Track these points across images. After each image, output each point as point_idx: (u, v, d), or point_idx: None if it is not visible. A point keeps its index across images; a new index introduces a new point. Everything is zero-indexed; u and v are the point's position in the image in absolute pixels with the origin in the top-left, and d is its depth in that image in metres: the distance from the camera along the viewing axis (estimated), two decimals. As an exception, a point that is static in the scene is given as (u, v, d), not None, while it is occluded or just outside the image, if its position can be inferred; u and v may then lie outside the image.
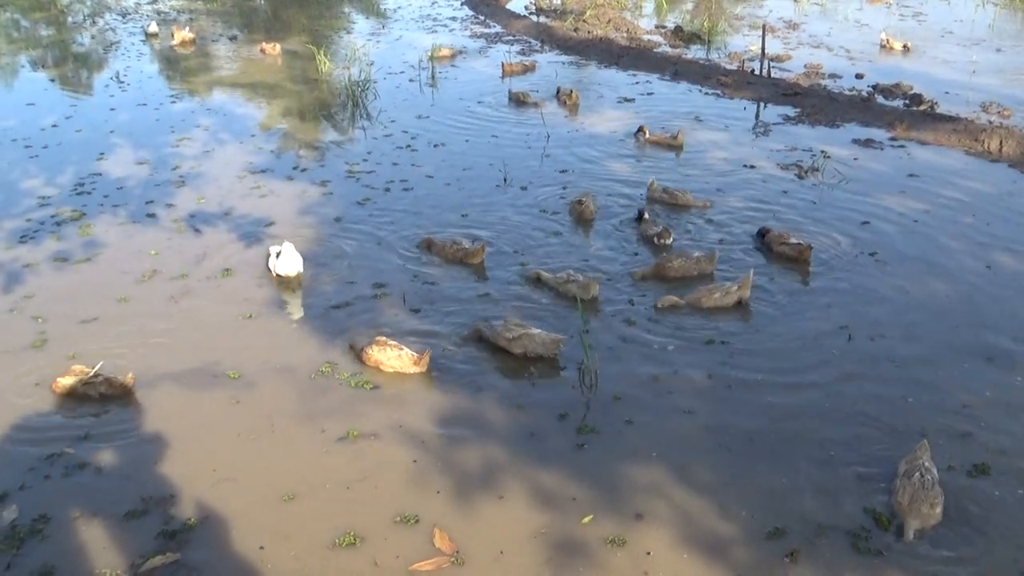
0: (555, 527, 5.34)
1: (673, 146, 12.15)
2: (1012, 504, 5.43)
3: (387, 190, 10.71)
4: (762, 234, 9.02)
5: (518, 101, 14.30)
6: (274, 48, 18.78)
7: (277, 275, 8.37)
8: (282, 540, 5.24)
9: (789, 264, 8.56)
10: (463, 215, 9.89)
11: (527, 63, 17.22)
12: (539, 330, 7.11)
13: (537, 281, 8.27)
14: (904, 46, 17.93)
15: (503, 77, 16.29)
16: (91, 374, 6.60)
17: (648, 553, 5.12)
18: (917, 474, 5.30)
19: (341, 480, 5.74)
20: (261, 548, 5.19)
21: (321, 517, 5.42)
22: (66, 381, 6.59)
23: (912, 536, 5.08)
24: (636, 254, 8.84)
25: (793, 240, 8.71)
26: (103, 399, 6.56)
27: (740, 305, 7.76)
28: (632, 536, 5.24)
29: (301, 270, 8.41)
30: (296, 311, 7.88)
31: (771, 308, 7.79)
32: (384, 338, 7.00)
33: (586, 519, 5.40)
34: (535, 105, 14.06)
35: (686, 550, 5.14)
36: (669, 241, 9.05)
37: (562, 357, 7.04)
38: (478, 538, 5.26)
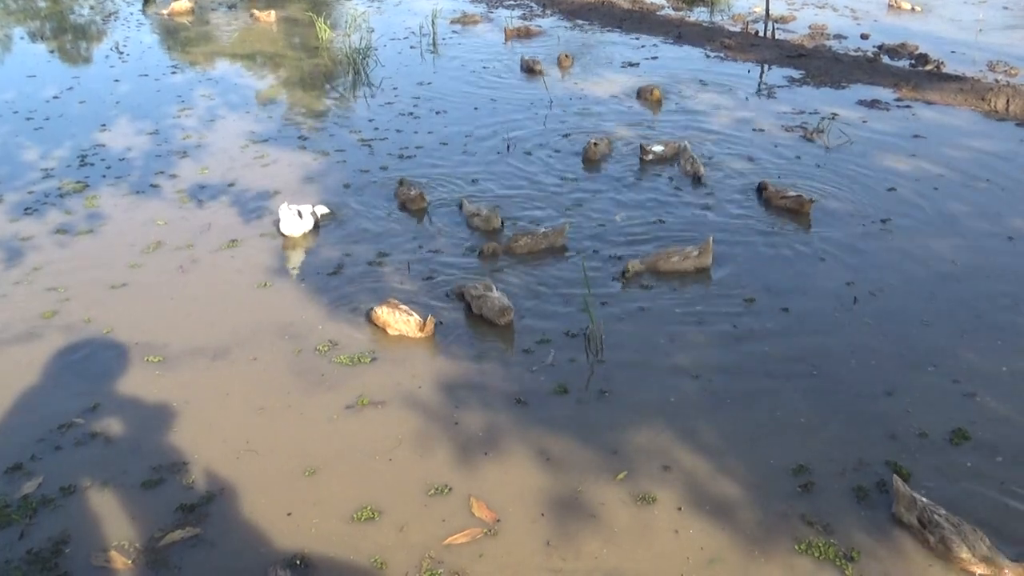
0: (589, 487, 5.35)
1: (650, 100, 12.38)
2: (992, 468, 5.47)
3: (401, 156, 10.69)
4: (760, 189, 9.19)
5: (529, 70, 14.18)
6: (269, 15, 18.64)
7: (283, 235, 8.60)
8: (306, 512, 5.24)
9: (790, 216, 8.69)
10: (473, 181, 9.87)
11: (531, 28, 17.09)
12: (498, 295, 7.13)
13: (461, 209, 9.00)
14: (912, 8, 17.74)
15: (506, 41, 16.19)
16: None
17: (679, 509, 5.16)
18: (936, 517, 4.87)
19: (363, 451, 5.73)
20: (289, 514, 5.20)
21: (345, 489, 5.40)
22: None
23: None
24: (661, 221, 8.81)
25: (792, 193, 8.86)
26: None
27: (701, 272, 7.70)
28: (662, 493, 5.27)
29: (305, 231, 8.61)
30: (300, 280, 7.88)
31: (788, 270, 7.78)
32: (395, 300, 7.08)
33: (620, 476, 5.43)
34: (541, 72, 13.95)
35: (710, 504, 5.19)
36: (649, 158, 10.04)
37: (568, 320, 7.06)
38: (513, 503, 5.26)
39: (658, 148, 10.13)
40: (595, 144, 10.27)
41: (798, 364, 6.46)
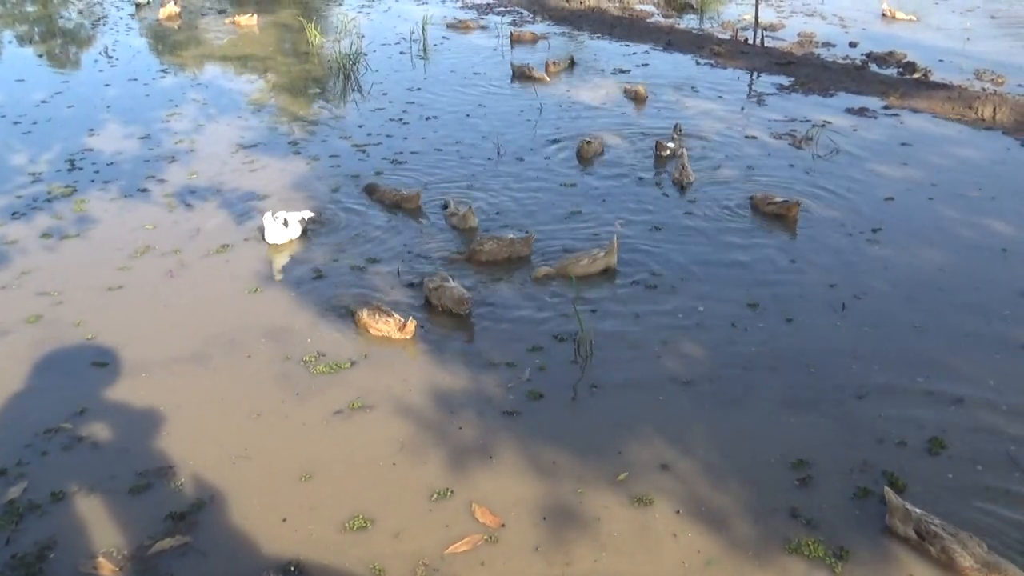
0: (589, 489, 5.34)
1: (637, 98, 12.80)
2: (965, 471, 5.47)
3: (395, 162, 10.68)
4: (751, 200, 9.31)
5: (520, 76, 14.16)
6: (251, 18, 18.61)
7: (267, 243, 8.55)
8: (302, 518, 5.18)
9: (779, 222, 8.76)
10: (468, 186, 9.86)
11: (535, 33, 17.15)
12: (455, 285, 7.26)
13: (445, 209, 9.12)
14: (910, 17, 17.85)
15: (512, 46, 16.30)
16: None
17: (677, 512, 5.16)
18: (933, 528, 4.80)
19: (359, 455, 5.68)
20: (284, 520, 5.15)
21: (342, 494, 5.35)
22: None
23: None
24: (657, 228, 8.82)
25: (779, 199, 8.95)
26: None
27: (607, 272, 7.81)
28: (660, 495, 5.27)
29: (291, 238, 8.57)
30: (288, 285, 7.83)
31: (784, 274, 7.79)
32: (378, 304, 7.13)
33: (621, 476, 5.43)
34: (532, 78, 13.94)
35: (707, 506, 5.20)
36: (665, 153, 10.38)
37: (555, 322, 7.05)
38: (514, 507, 5.23)
39: (672, 145, 10.51)
40: (588, 142, 10.45)
41: (792, 365, 6.47)
